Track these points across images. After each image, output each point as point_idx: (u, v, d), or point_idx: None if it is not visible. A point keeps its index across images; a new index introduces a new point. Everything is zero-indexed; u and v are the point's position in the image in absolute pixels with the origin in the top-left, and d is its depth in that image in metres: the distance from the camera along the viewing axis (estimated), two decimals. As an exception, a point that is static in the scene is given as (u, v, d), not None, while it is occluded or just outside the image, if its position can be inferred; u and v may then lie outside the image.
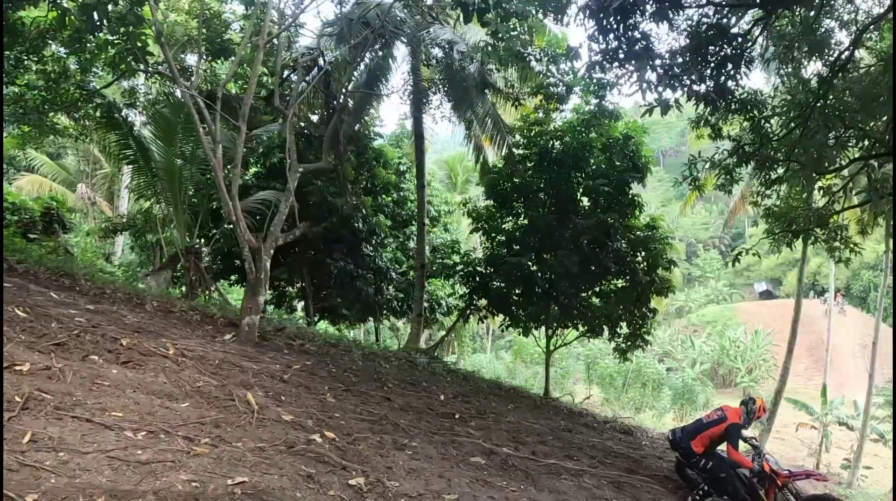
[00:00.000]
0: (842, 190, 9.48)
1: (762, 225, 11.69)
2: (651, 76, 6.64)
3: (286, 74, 11.85)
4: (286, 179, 8.78)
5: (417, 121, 14.06)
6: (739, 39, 6.92)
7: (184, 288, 11.40)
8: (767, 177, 9.02)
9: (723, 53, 6.79)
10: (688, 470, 6.64)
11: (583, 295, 12.14)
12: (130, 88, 12.38)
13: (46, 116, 10.61)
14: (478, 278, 12.64)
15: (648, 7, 6.38)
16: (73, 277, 7.70)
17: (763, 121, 8.15)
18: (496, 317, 13.61)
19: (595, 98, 10.65)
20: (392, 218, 14.87)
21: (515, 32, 7.90)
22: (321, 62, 11.17)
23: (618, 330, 12.20)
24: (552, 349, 13.16)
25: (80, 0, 6.82)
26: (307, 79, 11.33)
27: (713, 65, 6.80)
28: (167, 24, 9.64)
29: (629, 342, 12.20)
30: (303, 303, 14.90)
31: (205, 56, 10.77)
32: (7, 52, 8.85)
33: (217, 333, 7.41)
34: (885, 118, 7.65)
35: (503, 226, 12.68)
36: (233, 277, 14.45)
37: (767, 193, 9.45)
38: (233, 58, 10.46)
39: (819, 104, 7.43)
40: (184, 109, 9.90)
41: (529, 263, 11.64)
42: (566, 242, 11.44)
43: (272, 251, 8.06)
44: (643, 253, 11.76)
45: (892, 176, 8.71)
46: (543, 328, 12.83)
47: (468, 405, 8.06)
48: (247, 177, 13.46)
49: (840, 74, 7.39)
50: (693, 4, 6.94)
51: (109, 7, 6.95)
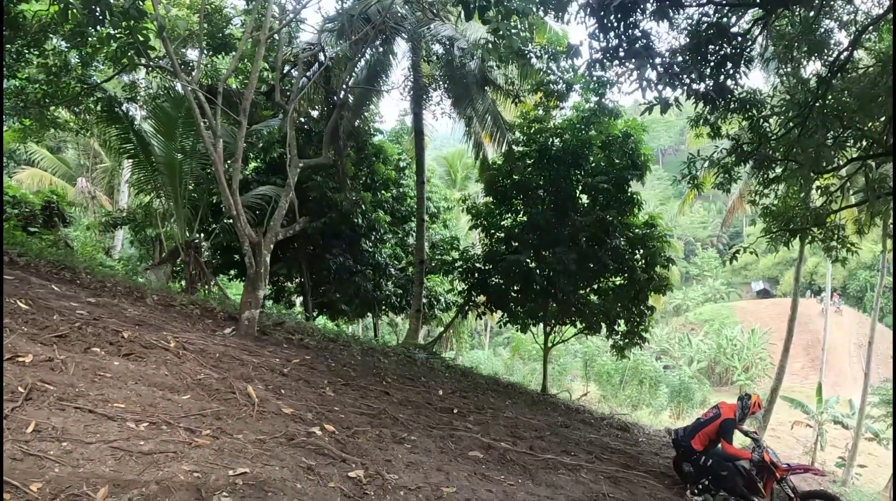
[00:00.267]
0: (839, 190, 9.51)
1: (760, 224, 11.72)
2: (651, 74, 6.66)
3: (287, 69, 11.86)
4: (286, 175, 8.80)
5: (417, 117, 14.08)
6: (739, 39, 6.95)
7: (183, 282, 11.43)
8: (766, 176, 9.06)
9: (722, 52, 6.82)
10: (684, 466, 6.75)
11: (581, 292, 12.20)
12: (131, 83, 12.36)
13: (47, 110, 10.59)
14: (476, 275, 12.69)
15: (649, 5, 6.41)
16: (74, 270, 7.72)
17: (762, 120, 8.18)
18: (495, 313, 13.67)
19: (595, 96, 10.66)
20: (391, 214, 14.90)
21: (516, 30, 7.90)
22: (322, 58, 11.18)
23: (616, 327, 12.27)
24: (550, 345, 13.22)
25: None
26: (308, 74, 11.34)
27: (713, 64, 6.84)
28: (169, 19, 9.63)
29: (627, 340, 12.27)
30: (301, 298, 14.94)
31: (206, 51, 10.76)
32: (8, 46, 8.84)
33: (217, 327, 7.45)
34: (884, 119, 7.68)
35: (502, 223, 12.72)
36: (232, 271, 14.50)
37: (765, 192, 9.50)
38: (233, 53, 10.46)
39: (818, 104, 7.47)
40: (184, 103, 9.90)
41: (528, 260, 11.68)
42: (565, 239, 11.49)
43: (272, 246, 8.09)
44: (641, 251, 11.82)
45: (892, 175, 8.75)
46: (541, 325, 12.89)
47: (466, 401, 8.12)
48: (246, 172, 13.50)
49: (839, 75, 7.42)
50: (693, 3, 6.97)
51: (112, 1, 6.95)
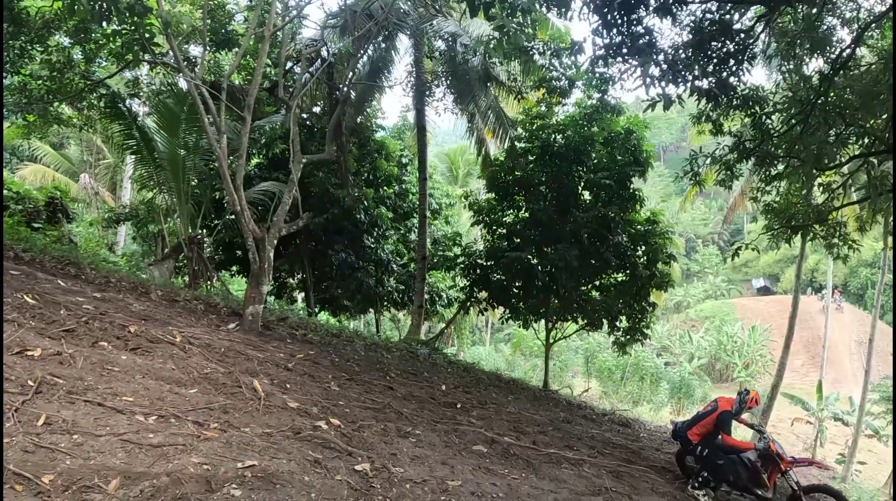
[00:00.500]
0: (841, 187, 9.52)
1: (761, 221, 11.76)
2: (654, 71, 6.69)
3: (290, 65, 11.88)
4: (288, 170, 8.84)
5: (420, 113, 14.09)
6: (742, 36, 6.96)
7: (186, 278, 11.47)
8: (767, 173, 9.08)
9: (725, 49, 6.84)
10: (687, 460, 6.81)
11: (583, 288, 12.23)
12: (134, 79, 12.38)
13: (51, 106, 10.62)
14: (478, 271, 12.72)
15: (652, 2, 6.42)
16: (79, 265, 7.77)
17: (764, 117, 8.19)
18: (496, 309, 13.70)
19: (597, 92, 10.68)
20: (393, 210, 14.91)
21: (520, 26, 7.90)
22: (324, 54, 11.21)
23: (617, 324, 12.30)
24: (551, 341, 13.25)
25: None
26: (310, 70, 11.37)
27: (716, 60, 6.86)
28: (173, 15, 9.65)
29: (628, 336, 12.31)
30: (304, 294, 14.97)
31: (209, 47, 10.78)
32: (12, 42, 8.87)
33: (221, 322, 7.49)
34: (885, 116, 7.69)
35: (504, 219, 12.75)
36: (234, 267, 14.52)
37: (767, 189, 9.52)
38: (237, 49, 10.48)
39: (820, 101, 7.49)
40: (188, 99, 9.93)
41: (530, 256, 11.72)
42: (567, 235, 11.51)
43: (275, 242, 8.13)
44: (643, 247, 11.84)
45: (893, 173, 8.77)
46: (543, 321, 12.93)
47: (469, 396, 8.17)
48: (249, 168, 13.50)
49: (841, 72, 7.43)
50: (696, 0, 6.98)
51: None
